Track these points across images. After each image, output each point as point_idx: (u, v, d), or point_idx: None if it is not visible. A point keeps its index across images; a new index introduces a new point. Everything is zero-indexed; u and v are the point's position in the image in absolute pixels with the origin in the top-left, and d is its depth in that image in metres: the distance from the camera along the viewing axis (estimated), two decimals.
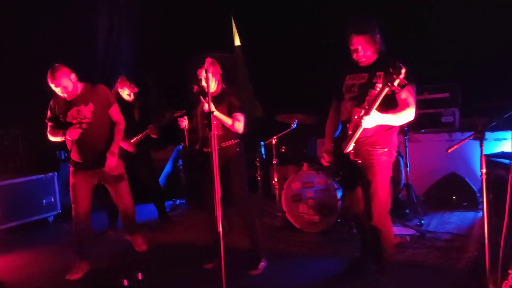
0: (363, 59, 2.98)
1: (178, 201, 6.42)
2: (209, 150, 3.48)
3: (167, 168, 6.77)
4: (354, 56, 2.99)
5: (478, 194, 4.92)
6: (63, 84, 3.57)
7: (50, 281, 3.72)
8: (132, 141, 4.79)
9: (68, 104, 3.69)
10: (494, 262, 2.66)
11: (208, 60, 3.12)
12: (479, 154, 2.64)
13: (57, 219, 5.69)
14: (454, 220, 4.62)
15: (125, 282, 3.21)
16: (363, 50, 2.95)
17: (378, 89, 2.84)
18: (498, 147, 5.12)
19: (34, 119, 4.28)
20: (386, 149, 2.98)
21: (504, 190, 2.73)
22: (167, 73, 6.80)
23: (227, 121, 3.48)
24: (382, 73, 2.87)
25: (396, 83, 2.70)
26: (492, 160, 3.30)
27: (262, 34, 7.04)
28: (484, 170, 2.64)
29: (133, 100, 4.88)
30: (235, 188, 3.53)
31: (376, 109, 2.77)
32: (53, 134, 3.75)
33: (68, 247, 4.25)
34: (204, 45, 6.40)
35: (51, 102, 3.77)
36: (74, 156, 3.76)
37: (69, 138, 3.67)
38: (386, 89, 2.74)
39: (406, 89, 2.82)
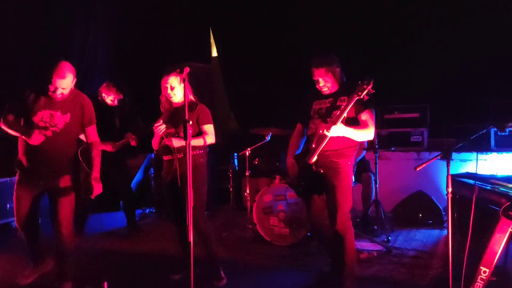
0: (325, 89, 3.29)
1: (147, 210, 6.34)
2: (170, 158, 3.48)
3: (138, 176, 6.69)
4: (318, 86, 3.30)
5: (443, 213, 5.06)
6: (66, 84, 3.16)
7: None
8: (114, 142, 4.84)
9: (46, 102, 3.25)
10: (457, 279, 2.74)
11: (186, 69, 3.03)
12: (446, 174, 2.72)
13: None
14: (420, 237, 4.73)
15: None
16: (324, 81, 3.25)
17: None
18: (463, 167, 5.30)
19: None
20: (349, 162, 3.22)
21: (468, 209, 2.83)
22: (142, 81, 6.74)
23: (199, 142, 3.41)
24: (346, 98, 3.15)
25: (365, 92, 2.97)
26: (457, 180, 3.41)
27: (239, 46, 7.10)
28: (449, 190, 2.72)
29: (116, 106, 4.92)
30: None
31: (342, 121, 3.04)
32: (10, 126, 3.29)
33: None
34: (182, 55, 6.41)
35: (29, 90, 3.28)
36: (25, 161, 3.33)
37: (28, 141, 3.20)
38: (356, 98, 2.99)
39: (366, 112, 3.15)
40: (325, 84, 3.26)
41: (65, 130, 3.31)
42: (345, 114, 3.01)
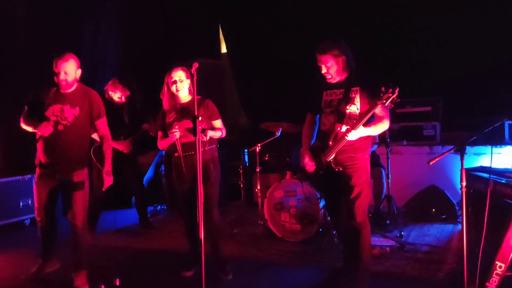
0: (329, 76, 3.21)
1: (159, 207, 6.37)
2: (184, 154, 3.49)
3: (149, 173, 6.71)
4: (323, 73, 3.23)
5: (457, 207, 4.99)
6: (68, 68, 3.34)
7: (23, 286, 3.61)
8: (127, 141, 4.87)
9: (56, 97, 3.42)
10: (472, 275, 2.70)
11: (195, 65, 3.02)
12: (459, 168, 2.68)
13: (33, 222, 5.53)
14: (433, 232, 4.67)
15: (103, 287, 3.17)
16: (327, 68, 3.18)
17: (357, 103, 3.10)
18: (477, 161, 5.22)
19: (14, 119, 4.19)
20: (366, 156, 3.21)
21: (483, 203, 2.79)
22: (152, 77, 6.75)
23: (218, 134, 3.58)
24: (358, 88, 3.11)
25: (389, 100, 2.92)
26: (471, 174, 3.35)
27: (249, 42, 7.07)
28: (464, 183, 2.67)
29: (123, 103, 4.93)
30: (209, 194, 3.44)
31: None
32: (26, 123, 3.49)
33: None
34: (191, 51, 6.40)
35: (41, 87, 3.49)
36: (41, 156, 3.49)
37: (38, 133, 3.39)
38: (380, 106, 2.95)
39: (380, 106, 3.07)
40: (328, 71, 3.17)
41: (75, 123, 3.44)
42: (364, 120, 2.96)
